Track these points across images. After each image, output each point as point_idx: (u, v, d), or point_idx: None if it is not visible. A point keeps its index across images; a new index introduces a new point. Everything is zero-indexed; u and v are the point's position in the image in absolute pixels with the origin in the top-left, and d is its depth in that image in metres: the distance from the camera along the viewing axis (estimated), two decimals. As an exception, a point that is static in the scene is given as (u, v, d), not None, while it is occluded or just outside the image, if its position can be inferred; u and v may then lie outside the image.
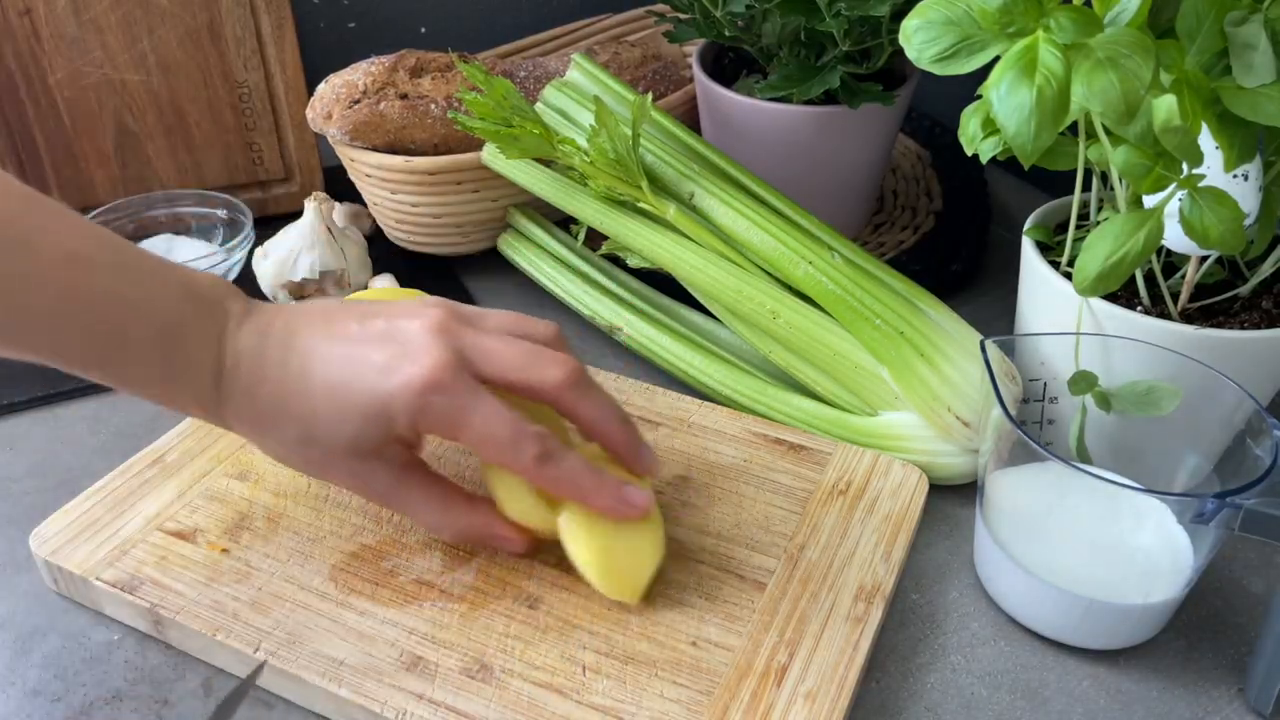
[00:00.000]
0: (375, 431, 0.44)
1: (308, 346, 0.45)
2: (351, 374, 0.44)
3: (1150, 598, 0.46)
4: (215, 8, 0.74)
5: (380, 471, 0.45)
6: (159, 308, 0.43)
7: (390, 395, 0.43)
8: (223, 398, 0.45)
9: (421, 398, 0.43)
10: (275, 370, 0.44)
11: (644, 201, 0.62)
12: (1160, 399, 0.49)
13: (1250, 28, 0.45)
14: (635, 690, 0.43)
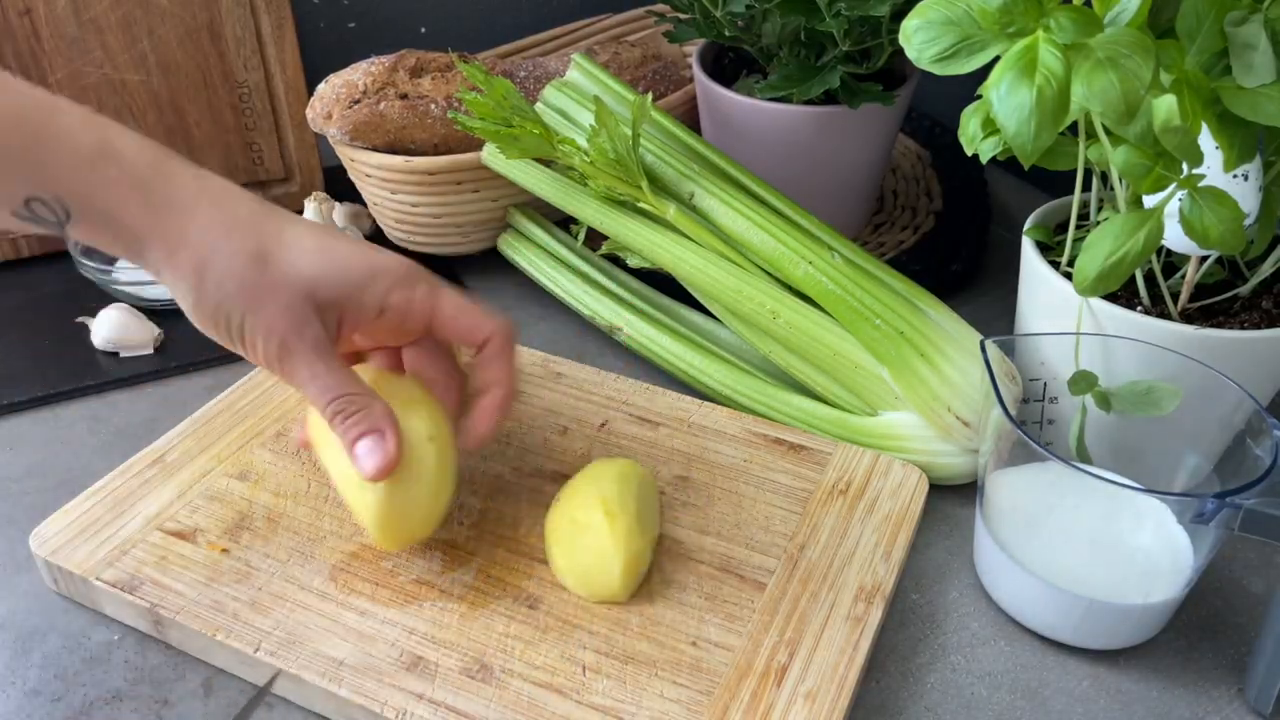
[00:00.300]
0: (349, 282, 0.44)
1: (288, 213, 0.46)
2: (339, 238, 0.46)
3: (1150, 598, 0.46)
4: (215, 8, 0.74)
5: (315, 324, 0.44)
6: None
7: (382, 264, 0.45)
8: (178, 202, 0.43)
9: (413, 273, 0.46)
10: (252, 200, 0.45)
11: (644, 201, 0.62)
12: (1160, 399, 0.49)
13: (1250, 28, 0.45)
14: (635, 690, 0.43)
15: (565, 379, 0.62)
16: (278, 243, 0.43)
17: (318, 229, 0.46)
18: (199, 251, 0.42)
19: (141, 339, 0.66)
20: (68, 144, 0.41)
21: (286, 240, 0.44)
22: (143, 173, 0.42)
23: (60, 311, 0.70)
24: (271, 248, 0.43)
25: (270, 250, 0.43)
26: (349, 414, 0.44)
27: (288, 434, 0.57)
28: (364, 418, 0.45)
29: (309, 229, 0.45)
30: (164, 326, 0.68)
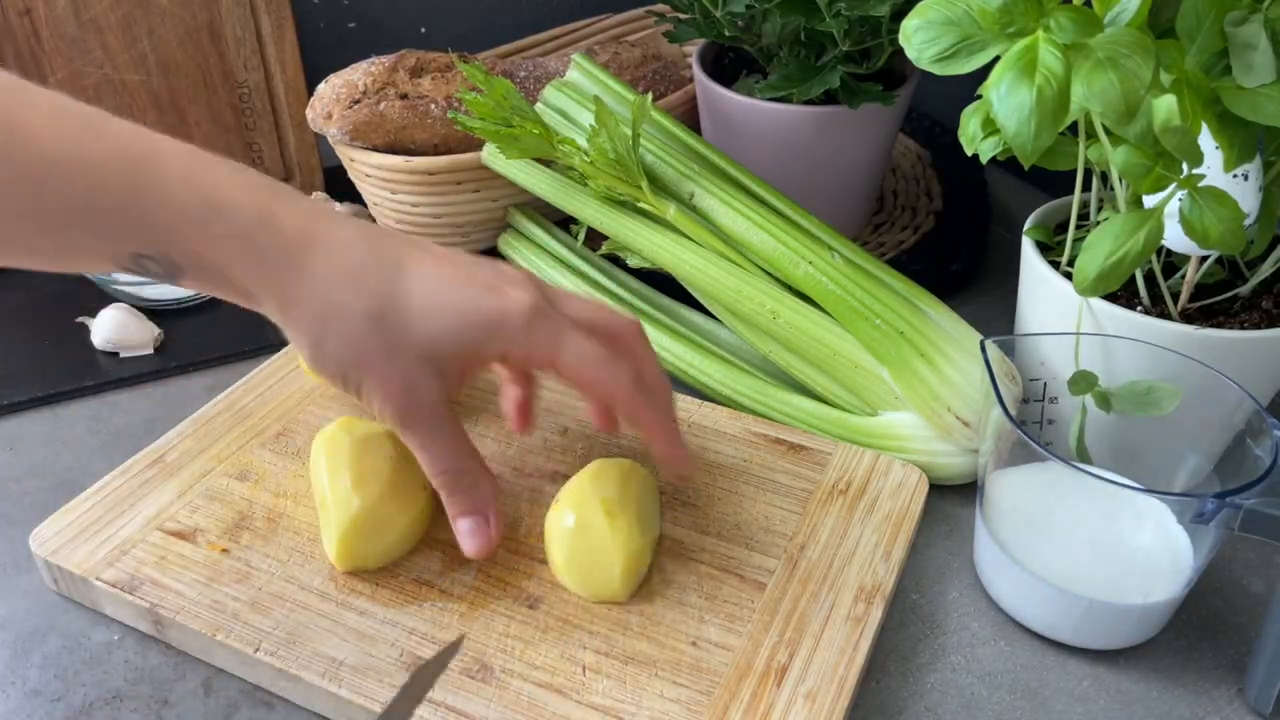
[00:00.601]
0: (466, 336, 0.43)
1: (402, 244, 0.44)
2: (457, 279, 0.43)
3: (1150, 598, 0.46)
4: (215, 8, 0.74)
5: (434, 383, 0.43)
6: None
7: (501, 310, 0.43)
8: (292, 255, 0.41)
9: (532, 319, 0.43)
10: (364, 241, 0.43)
11: (644, 201, 0.62)
12: (1160, 399, 0.49)
13: (1250, 28, 0.45)
14: (635, 690, 0.43)
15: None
16: (392, 302, 0.42)
17: (437, 271, 0.43)
18: (313, 309, 0.42)
19: (141, 339, 0.66)
20: (172, 198, 0.39)
21: (401, 297, 0.42)
22: (249, 227, 0.41)
23: (60, 311, 0.70)
24: (386, 308, 0.42)
25: (385, 311, 0.42)
26: (455, 490, 0.45)
27: (288, 434, 0.57)
28: (469, 497, 0.46)
29: (427, 275, 0.43)
30: (164, 326, 0.68)
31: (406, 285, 0.42)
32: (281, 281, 0.41)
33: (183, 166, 0.40)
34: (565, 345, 0.44)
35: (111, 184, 0.38)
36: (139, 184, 0.39)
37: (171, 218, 0.39)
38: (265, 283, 0.41)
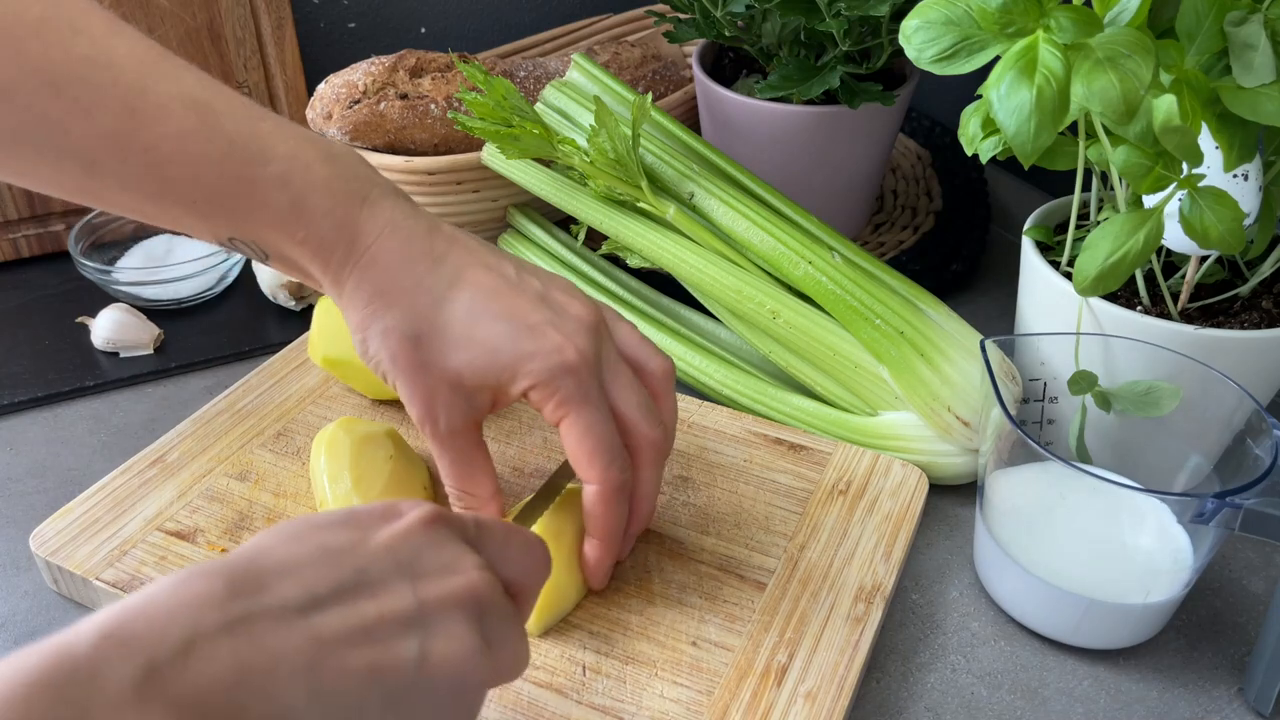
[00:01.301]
0: (494, 372, 0.43)
1: (462, 260, 0.45)
2: (500, 313, 0.44)
3: (1150, 598, 0.46)
4: (215, 8, 0.74)
5: (460, 408, 0.44)
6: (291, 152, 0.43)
7: (532, 354, 0.43)
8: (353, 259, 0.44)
9: (560, 372, 0.43)
10: (423, 257, 0.44)
11: (644, 201, 0.62)
12: (1160, 399, 0.49)
13: (1250, 28, 0.45)
14: (635, 690, 0.43)
15: (565, 379, 0.62)
16: (431, 326, 0.43)
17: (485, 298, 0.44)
18: (364, 314, 0.44)
19: (141, 339, 0.66)
20: (268, 202, 0.42)
21: (442, 322, 0.43)
22: (327, 237, 0.43)
23: (60, 311, 0.70)
24: (424, 331, 0.43)
25: (423, 334, 0.43)
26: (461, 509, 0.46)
27: (288, 434, 0.57)
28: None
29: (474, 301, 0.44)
30: (164, 326, 0.68)
31: (450, 311, 0.44)
32: (343, 281, 0.44)
33: (283, 169, 0.42)
34: (581, 414, 0.44)
35: (216, 181, 0.42)
36: (241, 185, 0.42)
37: (264, 218, 0.43)
38: (332, 283, 0.45)
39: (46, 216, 0.75)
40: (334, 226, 0.43)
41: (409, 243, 0.44)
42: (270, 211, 0.43)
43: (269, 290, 0.70)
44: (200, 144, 0.41)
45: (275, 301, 0.71)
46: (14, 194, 0.73)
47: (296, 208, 0.43)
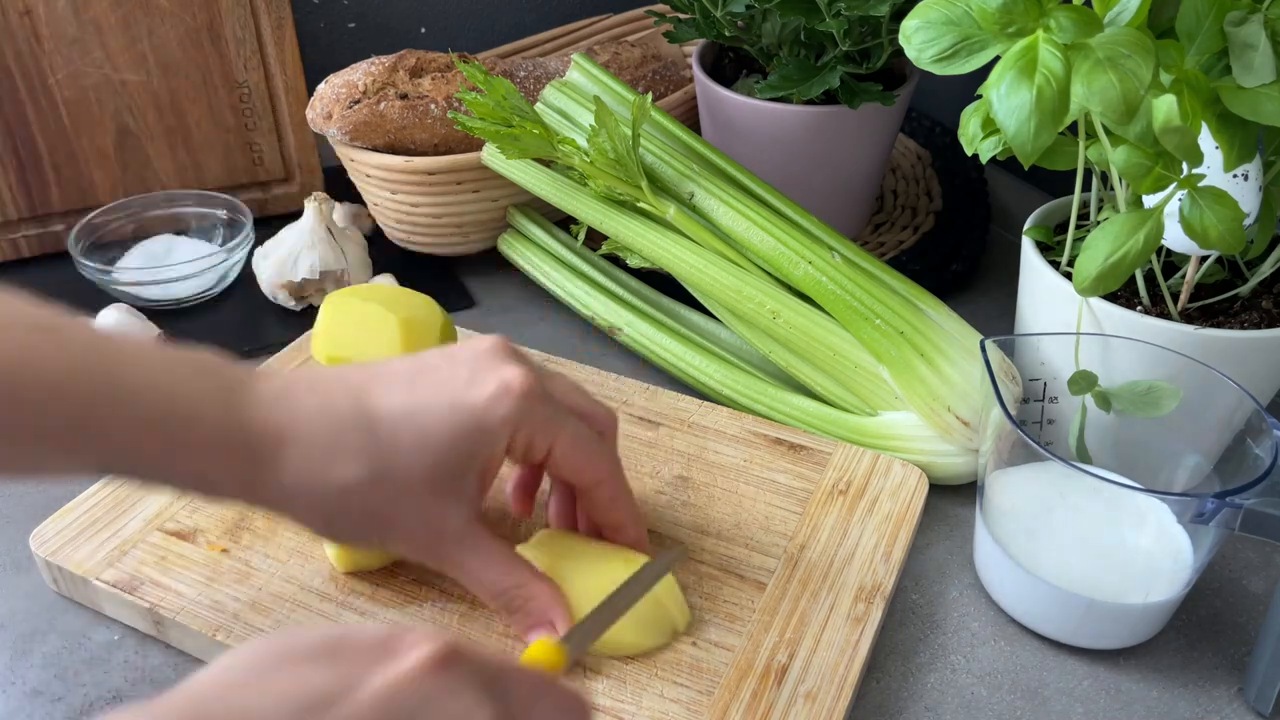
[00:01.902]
0: (464, 449, 0.40)
1: (366, 379, 0.41)
2: (434, 390, 0.40)
3: (1150, 598, 0.46)
4: (215, 8, 0.74)
5: (453, 511, 0.41)
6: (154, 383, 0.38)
7: (486, 404, 0.40)
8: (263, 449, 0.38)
9: (523, 401, 0.41)
10: (331, 406, 0.40)
11: (644, 201, 0.62)
12: (1160, 399, 0.49)
13: (1250, 28, 0.45)
14: (635, 690, 0.43)
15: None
16: (380, 456, 0.39)
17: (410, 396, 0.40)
18: (309, 497, 0.39)
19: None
20: (136, 412, 0.36)
21: (386, 446, 0.39)
22: (217, 435, 0.38)
23: (60, 311, 0.70)
24: (377, 465, 0.39)
25: (377, 468, 0.39)
26: (514, 609, 0.43)
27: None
28: (530, 612, 0.43)
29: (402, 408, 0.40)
30: (164, 326, 0.68)
31: (387, 431, 0.40)
32: (263, 483, 0.39)
33: (145, 375, 0.37)
34: (564, 426, 0.42)
35: (73, 400, 0.36)
36: (101, 399, 0.36)
37: (136, 433, 0.37)
38: (247, 486, 0.39)
39: (47, 217, 0.75)
40: (224, 425, 0.38)
41: (306, 399, 0.40)
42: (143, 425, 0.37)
43: (269, 290, 0.70)
44: (50, 362, 0.36)
45: (275, 301, 0.71)
46: (14, 194, 0.73)
47: (172, 412, 0.37)
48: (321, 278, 0.69)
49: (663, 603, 0.45)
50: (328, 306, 0.59)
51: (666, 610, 0.45)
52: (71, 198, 0.75)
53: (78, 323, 0.37)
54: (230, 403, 0.38)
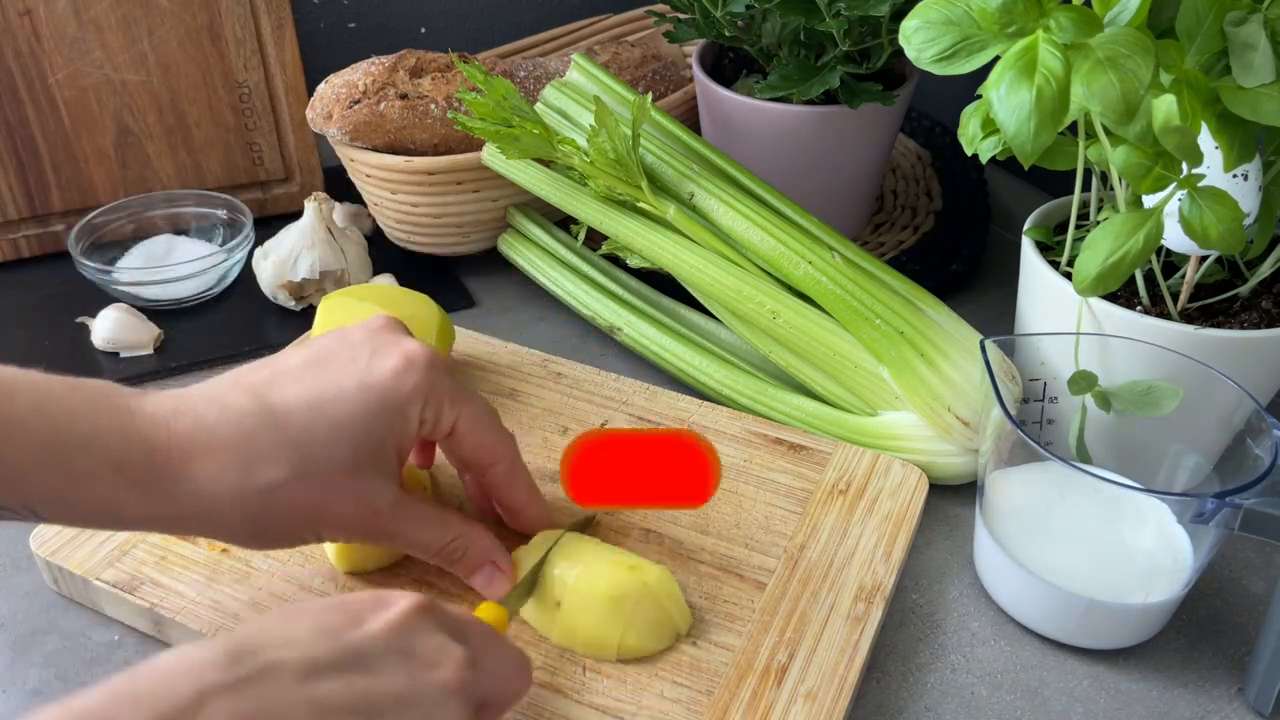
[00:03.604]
0: (379, 427, 0.41)
1: (264, 379, 0.41)
2: (338, 375, 0.41)
3: (1150, 598, 0.46)
4: (215, 8, 0.74)
5: (380, 487, 0.41)
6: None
7: (394, 379, 0.41)
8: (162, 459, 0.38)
9: (429, 372, 0.42)
10: (232, 408, 0.39)
11: (644, 201, 0.62)
12: (1160, 399, 0.49)
13: (1250, 28, 0.45)
14: (635, 690, 0.43)
15: (565, 379, 0.62)
16: (297, 450, 0.39)
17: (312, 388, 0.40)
18: (231, 509, 0.39)
19: (141, 339, 0.66)
20: (28, 438, 0.35)
21: (302, 440, 0.39)
22: (119, 453, 0.37)
23: (60, 311, 0.70)
24: (295, 458, 0.39)
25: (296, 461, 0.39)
26: (455, 560, 0.45)
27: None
28: (470, 557, 0.45)
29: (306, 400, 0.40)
30: (164, 326, 0.68)
31: (299, 426, 0.39)
32: (173, 500, 0.38)
33: (34, 400, 0.36)
34: (470, 399, 0.43)
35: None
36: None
37: (26, 463, 0.35)
38: (155, 507, 0.38)
39: (46, 216, 0.75)
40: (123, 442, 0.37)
41: (208, 408, 0.39)
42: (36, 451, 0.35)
43: (269, 290, 0.70)
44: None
45: (275, 301, 0.71)
46: (14, 194, 0.73)
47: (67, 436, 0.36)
48: (321, 278, 0.69)
49: (664, 606, 0.45)
50: (324, 308, 0.59)
51: (667, 613, 0.45)
52: (71, 198, 0.75)
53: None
54: (126, 424, 0.37)
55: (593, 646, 0.44)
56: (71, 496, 0.37)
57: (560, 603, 0.45)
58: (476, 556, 0.45)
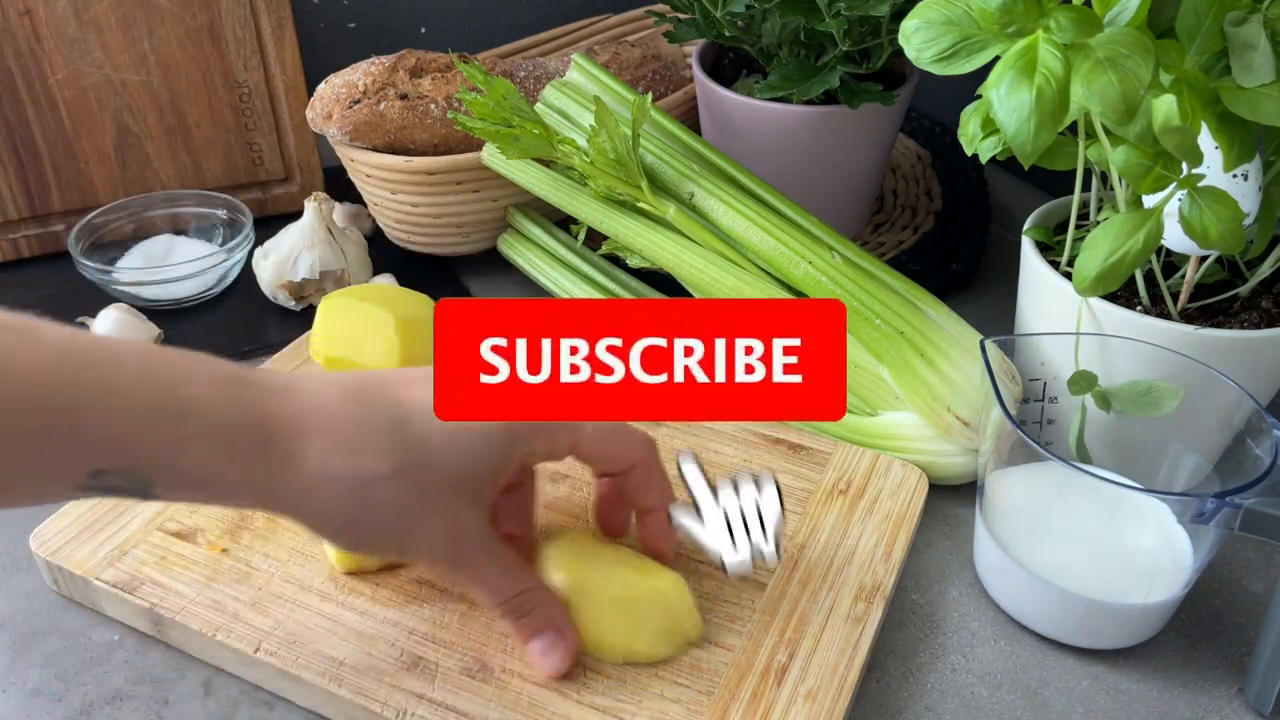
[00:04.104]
0: (493, 453, 0.41)
1: (390, 377, 0.41)
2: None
3: (1150, 598, 0.46)
4: (215, 8, 0.74)
5: (475, 514, 0.41)
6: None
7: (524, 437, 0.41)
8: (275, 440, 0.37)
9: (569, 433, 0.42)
10: (357, 404, 0.39)
11: (644, 201, 0.62)
12: (1160, 399, 0.49)
13: (1250, 28, 0.45)
14: (635, 690, 0.43)
15: (565, 379, 0.62)
16: (409, 452, 0.39)
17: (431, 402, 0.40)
18: (333, 490, 0.38)
19: (141, 339, 0.66)
20: (134, 401, 0.35)
21: (417, 442, 0.39)
22: (227, 422, 0.36)
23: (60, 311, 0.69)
24: (406, 460, 0.39)
25: (407, 463, 0.39)
26: (522, 614, 0.43)
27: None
28: (536, 617, 0.43)
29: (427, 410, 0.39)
30: (164, 326, 0.68)
31: (418, 428, 0.39)
32: (277, 478, 0.37)
33: (139, 365, 0.35)
34: (584, 425, 0.43)
35: (54, 396, 0.33)
36: (88, 393, 0.34)
37: (134, 424, 0.35)
38: (258, 481, 0.37)
39: (47, 216, 0.75)
40: (233, 413, 0.36)
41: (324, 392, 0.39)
42: (142, 414, 0.35)
43: (269, 290, 0.70)
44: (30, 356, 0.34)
45: (275, 301, 0.71)
46: (14, 194, 0.73)
47: (175, 401, 0.35)
48: (321, 278, 0.69)
49: (675, 613, 0.45)
50: (324, 307, 0.59)
51: (678, 620, 0.45)
52: (71, 198, 0.75)
53: (54, 325, 0.35)
54: (235, 394, 0.37)
55: (600, 648, 0.44)
56: (172, 466, 0.36)
57: (570, 603, 0.44)
58: (542, 619, 0.43)
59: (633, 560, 0.46)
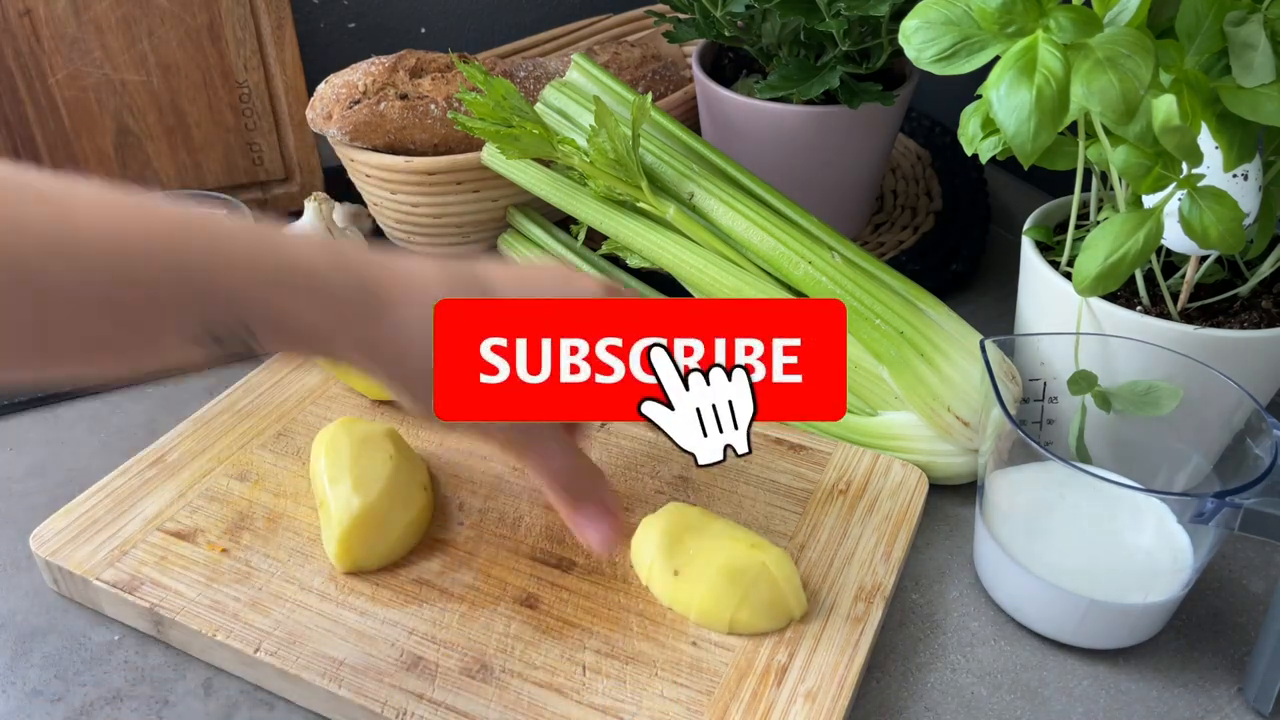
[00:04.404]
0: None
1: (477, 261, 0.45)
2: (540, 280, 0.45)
3: (1150, 598, 0.46)
4: (215, 8, 0.74)
5: None
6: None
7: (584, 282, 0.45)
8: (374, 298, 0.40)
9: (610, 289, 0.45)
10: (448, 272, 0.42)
11: (644, 201, 0.62)
12: (1160, 399, 0.49)
13: (1250, 28, 0.45)
14: (635, 690, 0.43)
15: (565, 379, 0.62)
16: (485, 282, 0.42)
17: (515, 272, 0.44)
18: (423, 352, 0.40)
19: (141, 339, 0.66)
20: (250, 262, 0.37)
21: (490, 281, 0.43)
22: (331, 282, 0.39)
23: (60, 311, 0.70)
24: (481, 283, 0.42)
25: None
26: (574, 489, 0.45)
27: (288, 434, 0.57)
28: (589, 494, 0.45)
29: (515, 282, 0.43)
30: (164, 326, 0.68)
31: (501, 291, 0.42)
32: (377, 327, 0.40)
33: (251, 236, 0.38)
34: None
35: (182, 252, 0.36)
36: (204, 248, 0.37)
37: (246, 282, 0.37)
38: (357, 333, 0.40)
39: (46, 216, 0.75)
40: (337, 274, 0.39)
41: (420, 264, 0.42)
42: (254, 274, 0.37)
43: (269, 290, 0.70)
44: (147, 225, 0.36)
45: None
46: (14, 194, 0.73)
47: (285, 262, 0.38)
48: (321, 278, 0.69)
49: (780, 587, 0.46)
50: None
51: (783, 595, 0.46)
52: (71, 198, 0.75)
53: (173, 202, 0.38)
54: (340, 260, 0.40)
55: (707, 617, 0.46)
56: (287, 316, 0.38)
57: (678, 571, 0.46)
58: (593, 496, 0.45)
59: (740, 534, 0.48)
